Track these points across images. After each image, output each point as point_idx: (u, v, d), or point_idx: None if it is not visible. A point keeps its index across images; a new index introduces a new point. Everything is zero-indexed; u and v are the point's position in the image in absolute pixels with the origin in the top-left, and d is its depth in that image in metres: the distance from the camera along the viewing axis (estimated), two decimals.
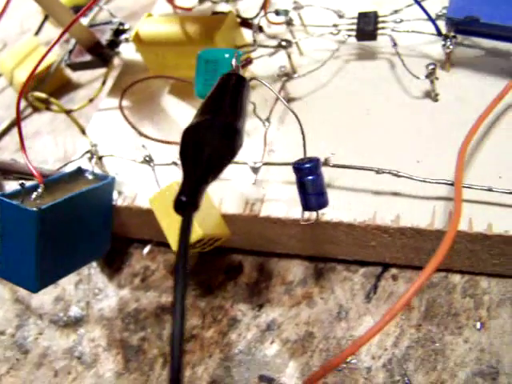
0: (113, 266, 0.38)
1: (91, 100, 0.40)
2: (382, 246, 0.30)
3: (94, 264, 0.38)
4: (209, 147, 0.21)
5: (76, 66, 0.42)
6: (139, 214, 0.35)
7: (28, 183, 0.32)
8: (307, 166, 0.26)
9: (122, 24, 0.41)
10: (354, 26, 0.36)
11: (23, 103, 0.53)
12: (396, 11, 0.36)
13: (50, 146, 0.47)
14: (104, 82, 0.40)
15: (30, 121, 0.51)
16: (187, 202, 0.19)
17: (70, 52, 0.42)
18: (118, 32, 0.41)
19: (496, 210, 0.28)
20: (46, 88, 0.51)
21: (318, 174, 0.26)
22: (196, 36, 0.35)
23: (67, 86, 0.53)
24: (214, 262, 0.36)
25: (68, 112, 0.38)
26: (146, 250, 0.38)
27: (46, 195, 0.32)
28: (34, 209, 0.30)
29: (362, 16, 0.36)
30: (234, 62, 0.27)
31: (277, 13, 0.36)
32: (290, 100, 0.36)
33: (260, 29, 0.35)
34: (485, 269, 0.30)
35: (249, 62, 0.35)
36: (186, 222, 0.18)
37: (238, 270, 0.35)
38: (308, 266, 0.34)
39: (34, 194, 0.32)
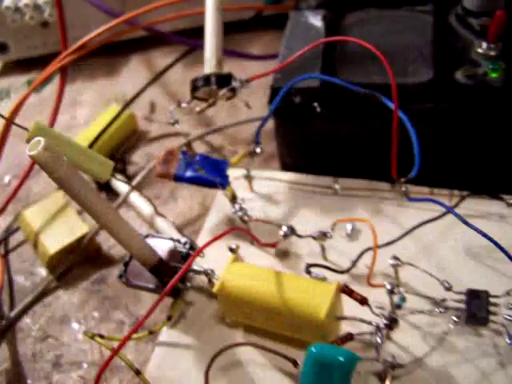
0: None
1: (151, 332, 0.35)
2: None
3: None
4: None
5: (134, 287, 0.37)
6: None
7: None
8: None
9: (191, 247, 0.37)
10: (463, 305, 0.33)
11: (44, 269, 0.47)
12: (509, 293, 0.33)
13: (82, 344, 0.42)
14: (170, 318, 0.35)
15: (55, 299, 0.45)
16: None
17: (126, 265, 0.37)
18: (188, 255, 0.36)
19: None
20: (74, 258, 0.47)
21: None
22: (295, 306, 0.31)
23: (98, 257, 0.48)
24: None
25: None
26: None
27: None
28: None
29: (473, 295, 0.33)
30: None
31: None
32: None
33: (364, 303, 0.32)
34: None
35: (349, 337, 0.32)
36: None
37: None
38: None
39: None
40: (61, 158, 0.29)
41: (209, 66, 0.41)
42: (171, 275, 0.35)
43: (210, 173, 0.39)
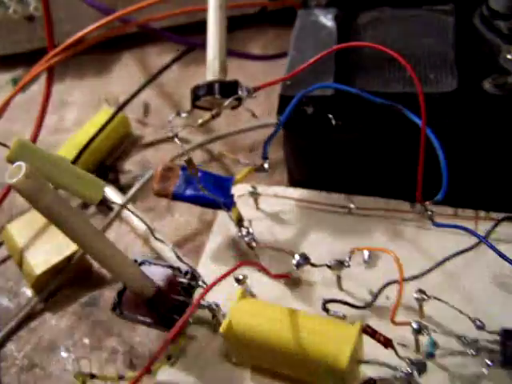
0: None
1: (149, 372, 0.32)
2: None
3: None
4: None
5: (130, 320, 0.33)
6: None
7: None
8: None
9: (193, 277, 0.33)
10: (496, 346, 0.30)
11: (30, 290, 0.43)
12: None
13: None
14: (169, 358, 0.32)
15: (42, 323, 0.42)
16: None
17: (120, 295, 0.34)
18: (191, 287, 0.33)
19: None
20: (63, 278, 0.43)
21: None
22: (312, 352, 0.28)
23: (89, 277, 0.44)
24: None
25: None
26: None
27: None
28: None
29: (508, 336, 0.29)
30: None
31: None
32: None
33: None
34: None
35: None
36: None
37: None
38: None
39: None
40: (45, 186, 0.26)
41: (211, 71, 0.37)
42: (171, 309, 0.32)
43: (213, 192, 0.35)
